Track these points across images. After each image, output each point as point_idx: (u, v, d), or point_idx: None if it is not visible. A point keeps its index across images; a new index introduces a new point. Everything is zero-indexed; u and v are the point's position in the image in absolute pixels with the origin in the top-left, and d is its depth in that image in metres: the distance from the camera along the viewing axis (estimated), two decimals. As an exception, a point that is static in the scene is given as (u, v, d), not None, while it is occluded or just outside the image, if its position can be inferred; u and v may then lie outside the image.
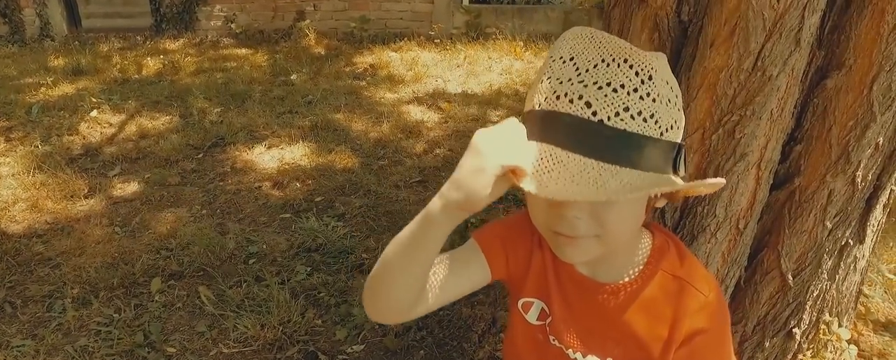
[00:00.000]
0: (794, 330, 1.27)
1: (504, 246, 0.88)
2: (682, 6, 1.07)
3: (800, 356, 1.34)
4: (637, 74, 0.67)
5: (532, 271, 0.91)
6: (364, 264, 2.14)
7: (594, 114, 0.66)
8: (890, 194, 1.22)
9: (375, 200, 2.67)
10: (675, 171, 0.72)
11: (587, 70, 0.68)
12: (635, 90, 0.66)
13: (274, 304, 1.90)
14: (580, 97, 0.66)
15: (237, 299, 1.97)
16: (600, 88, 0.66)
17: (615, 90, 0.66)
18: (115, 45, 5.69)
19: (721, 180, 0.76)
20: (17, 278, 2.13)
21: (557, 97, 0.68)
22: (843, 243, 1.17)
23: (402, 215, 2.53)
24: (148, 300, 2.00)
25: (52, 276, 2.14)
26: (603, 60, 0.67)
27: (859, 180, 1.08)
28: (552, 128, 0.68)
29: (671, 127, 0.70)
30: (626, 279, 0.84)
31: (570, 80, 0.68)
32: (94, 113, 3.77)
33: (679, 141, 0.72)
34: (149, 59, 5.07)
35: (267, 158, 3.16)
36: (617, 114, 0.66)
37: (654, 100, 0.67)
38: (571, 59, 0.69)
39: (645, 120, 0.67)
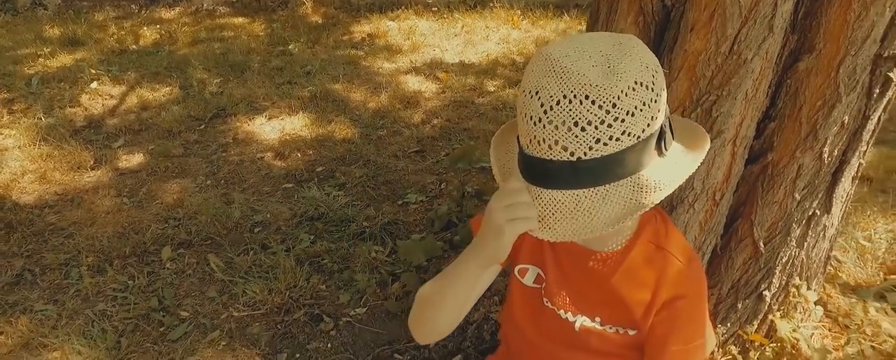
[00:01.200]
0: (764, 293, 1.38)
1: None
2: (665, -10, 1.12)
3: (770, 317, 1.45)
4: (600, 107, 0.71)
5: (527, 239, 1.00)
6: (364, 233, 2.24)
7: (572, 154, 0.73)
8: (859, 167, 1.30)
9: (375, 170, 2.75)
10: (662, 152, 0.79)
11: (551, 107, 0.72)
12: (602, 122, 0.71)
13: (280, 270, 2.00)
14: (556, 142, 0.73)
15: (245, 266, 2.07)
16: (570, 129, 0.72)
17: (583, 129, 0.71)
18: (109, 14, 5.64)
19: (706, 145, 0.83)
20: (33, 247, 2.23)
21: (538, 143, 0.75)
22: (810, 213, 1.26)
23: (401, 185, 2.62)
24: (159, 267, 2.10)
25: (66, 245, 2.23)
26: (564, 96, 0.71)
27: (826, 155, 1.16)
28: (542, 173, 0.78)
29: (648, 125, 0.75)
30: (616, 248, 0.93)
31: (539, 120, 0.73)
32: (94, 84, 3.80)
33: (660, 126, 0.77)
34: (145, 28, 5.05)
35: (268, 128, 3.22)
36: (590, 148, 0.73)
37: (623, 120, 0.72)
38: (537, 93, 0.74)
39: (618, 139, 0.73)
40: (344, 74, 3.94)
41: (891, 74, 1.05)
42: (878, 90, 1.08)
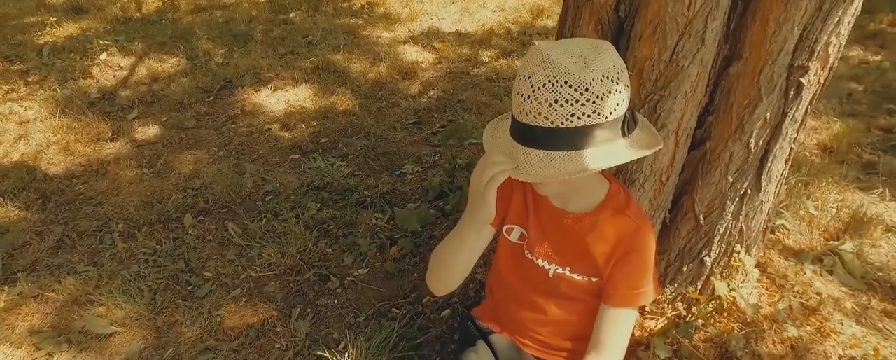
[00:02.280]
0: (705, 259, 1.61)
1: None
2: (620, 4, 1.30)
3: (712, 278, 1.69)
4: (575, 89, 0.94)
5: (513, 202, 1.28)
6: (366, 201, 2.47)
7: (552, 123, 0.96)
8: (791, 151, 1.51)
9: (375, 141, 2.96)
10: (626, 134, 1.02)
11: (538, 89, 0.95)
12: (577, 101, 0.94)
13: (291, 236, 2.24)
14: (539, 114, 0.96)
15: (259, 231, 2.32)
16: (551, 104, 0.95)
17: (561, 105, 0.94)
18: (111, -21, 5.69)
19: (657, 147, 1.05)
20: (68, 215, 2.47)
21: (527, 113, 0.98)
22: (742, 192, 1.48)
23: (398, 156, 2.83)
24: (183, 233, 2.35)
25: (97, 213, 2.48)
26: (549, 81, 0.94)
27: (752, 145, 1.37)
28: (528, 135, 1.00)
29: (614, 109, 0.98)
30: (585, 210, 1.20)
31: (528, 97, 0.96)
32: (103, 55, 3.95)
33: (624, 113, 1.00)
34: (147, -5, 5.13)
35: (273, 100, 3.40)
36: (567, 119, 0.96)
37: (594, 101, 0.95)
38: (529, 77, 0.97)
39: (589, 116, 0.96)
40: (344, 44, 4.08)
41: (802, 80, 1.24)
42: (792, 93, 1.27)
